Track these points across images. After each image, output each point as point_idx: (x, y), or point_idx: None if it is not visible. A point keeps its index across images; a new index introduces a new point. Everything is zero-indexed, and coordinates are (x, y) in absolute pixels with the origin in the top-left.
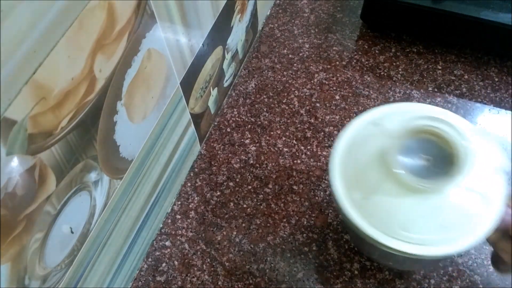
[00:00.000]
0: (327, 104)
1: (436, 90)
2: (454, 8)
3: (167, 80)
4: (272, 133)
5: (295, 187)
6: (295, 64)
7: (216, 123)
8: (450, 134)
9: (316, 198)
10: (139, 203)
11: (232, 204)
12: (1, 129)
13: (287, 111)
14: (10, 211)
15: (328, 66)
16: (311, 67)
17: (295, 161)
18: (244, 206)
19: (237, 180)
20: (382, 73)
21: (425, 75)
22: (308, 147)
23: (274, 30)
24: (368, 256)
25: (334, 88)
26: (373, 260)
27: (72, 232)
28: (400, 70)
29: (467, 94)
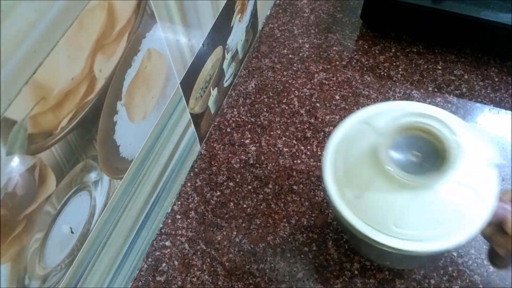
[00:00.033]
0: (327, 104)
1: (436, 90)
2: (454, 8)
3: (167, 80)
4: (272, 133)
5: (295, 187)
6: (295, 64)
7: (216, 123)
8: (440, 130)
9: (316, 198)
10: (139, 203)
11: (232, 204)
12: (1, 129)
13: (287, 111)
14: (10, 211)
15: (328, 66)
16: (311, 67)
17: (295, 161)
18: (244, 206)
19: (237, 180)
20: (382, 73)
21: (425, 75)
22: (308, 147)
23: (274, 30)
24: (365, 257)
25: (334, 88)
26: (371, 260)
27: (72, 232)
28: (400, 70)
29: (467, 94)
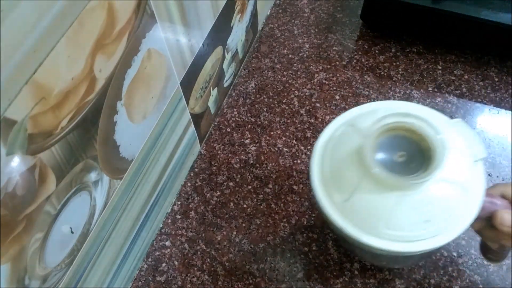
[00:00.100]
0: (327, 104)
1: (436, 90)
2: (454, 8)
3: (167, 80)
4: (272, 133)
5: (295, 187)
6: (295, 64)
7: (216, 123)
8: (423, 128)
9: None
10: (139, 203)
11: (232, 204)
12: (1, 129)
13: (287, 111)
14: (10, 211)
15: (328, 66)
16: (311, 67)
17: (295, 161)
18: (244, 206)
19: (237, 180)
20: (382, 73)
21: (425, 75)
22: (308, 147)
23: (274, 30)
24: (361, 259)
25: (334, 88)
26: (366, 261)
27: (72, 232)
28: (400, 70)
29: (467, 94)
